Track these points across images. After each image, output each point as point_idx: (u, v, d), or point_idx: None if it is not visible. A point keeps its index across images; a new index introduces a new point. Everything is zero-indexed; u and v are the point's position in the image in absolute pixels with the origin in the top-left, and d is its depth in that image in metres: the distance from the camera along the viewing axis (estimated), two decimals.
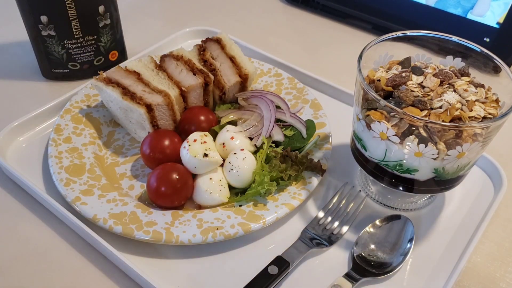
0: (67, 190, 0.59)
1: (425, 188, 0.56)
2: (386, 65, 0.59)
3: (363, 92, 0.53)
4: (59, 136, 0.66)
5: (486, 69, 0.57)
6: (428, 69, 0.55)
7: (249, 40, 0.87)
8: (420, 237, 0.60)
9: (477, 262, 0.58)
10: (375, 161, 0.56)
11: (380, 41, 0.57)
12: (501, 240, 0.60)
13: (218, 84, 0.71)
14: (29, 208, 0.61)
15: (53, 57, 0.77)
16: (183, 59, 0.71)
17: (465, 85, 0.53)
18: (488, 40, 0.86)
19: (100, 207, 0.58)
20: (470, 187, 0.66)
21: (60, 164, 0.62)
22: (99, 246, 0.56)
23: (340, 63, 0.90)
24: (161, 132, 0.65)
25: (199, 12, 1.01)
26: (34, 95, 0.78)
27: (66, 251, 0.57)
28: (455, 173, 0.54)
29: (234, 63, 0.73)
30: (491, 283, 0.56)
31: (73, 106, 0.71)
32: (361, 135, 0.56)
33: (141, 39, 0.92)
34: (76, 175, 0.61)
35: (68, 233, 0.59)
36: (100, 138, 0.69)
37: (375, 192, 0.64)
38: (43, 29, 0.73)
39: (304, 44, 0.95)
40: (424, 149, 0.50)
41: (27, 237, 0.58)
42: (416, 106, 0.51)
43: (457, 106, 0.50)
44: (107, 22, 0.77)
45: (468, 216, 0.62)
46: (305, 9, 1.05)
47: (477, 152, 0.52)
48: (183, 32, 0.90)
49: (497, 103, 0.53)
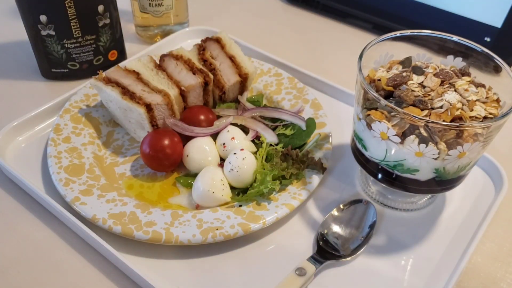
0: (66, 190, 0.59)
1: (425, 188, 0.56)
2: (386, 64, 0.59)
3: (363, 92, 0.53)
4: (59, 136, 0.66)
5: (487, 68, 0.57)
6: (428, 69, 0.55)
7: (249, 40, 0.87)
8: (420, 237, 0.59)
9: (478, 262, 0.58)
10: (376, 161, 0.56)
11: (380, 41, 0.57)
12: (502, 240, 0.60)
13: (218, 83, 0.71)
14: (28, 208, 0.61)
15: (53, 56, 0.77)
16: (182, 59, 0.71)
17: (466, 85, 0.52)
18: (489, 39, 0.86)
19: (99, 207, 0.57)
20: (470, 187, 0.65)
21: (59, 164, 0.62)
22: (98, 246, 0.55)
23: (340, 62, 0.90)
24: (161, 131, 0.64)
25: (199, 11, 1.01)
26: (33, 95, 0.78)
27: (65, 251, 0.57)
28: (455, 173, 0.54)
29: (234, 63, 0.73)
30: (492, 284, 0.56)
31: (72, 106, 0.70)
32: (361, 135, 0.56)
33: (141, 38, 0.92)
34: (75, 175, 0.61)
35: (68, 233, 0.59)
36: (99, 138, 0.68)
37: (375, 192, 0.64)
38: (42, 28, 0.73)
39: (304, 44, 0.95)
40: (425, 149, 0.50)
41: (26, 237, 0.58)
42: (417, 106, 0.51)
43: (457, 106, 0.50)
44: (106, 21, 0.77)
45: (468, 216, 0.62)
46: (305, 9, 1.05)
47: (478, 152, 0.52)
48: (183, 31, 0.89)
49: (497, 103, 0.53)
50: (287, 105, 0.74)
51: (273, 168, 0.60)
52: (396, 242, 0.59)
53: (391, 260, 0.57)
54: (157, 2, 0.85)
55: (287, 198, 0.60)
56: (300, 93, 0.75)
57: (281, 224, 0.60)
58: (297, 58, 0.88)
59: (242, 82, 0.73)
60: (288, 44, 0.94)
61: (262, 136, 0.66)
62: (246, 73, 0.72)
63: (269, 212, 0.58)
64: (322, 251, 0.56)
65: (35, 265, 0.55)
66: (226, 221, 0.57)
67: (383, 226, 0.60)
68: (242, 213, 0.58)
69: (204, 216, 0.57)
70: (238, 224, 0.56)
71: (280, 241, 0.59)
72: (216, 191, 0.59)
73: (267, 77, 0.79)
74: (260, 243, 0.58)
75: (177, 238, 0.55)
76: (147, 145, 0.63)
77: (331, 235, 0.58)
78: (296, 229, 0.60)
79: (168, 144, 0.63)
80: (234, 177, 0.60)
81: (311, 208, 0.62)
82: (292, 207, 0.59)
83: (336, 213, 0.60)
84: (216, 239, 0.55)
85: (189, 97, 0.69)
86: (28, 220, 0.60)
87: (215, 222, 0.56)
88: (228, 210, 0.58)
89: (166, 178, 0.64)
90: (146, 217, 0.57)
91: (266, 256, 0.57)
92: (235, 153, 0.61)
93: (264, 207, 0.58)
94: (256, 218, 0.57)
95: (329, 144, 0.66)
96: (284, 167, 0.60)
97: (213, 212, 0.58)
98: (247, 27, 0.98)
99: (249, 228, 0.56)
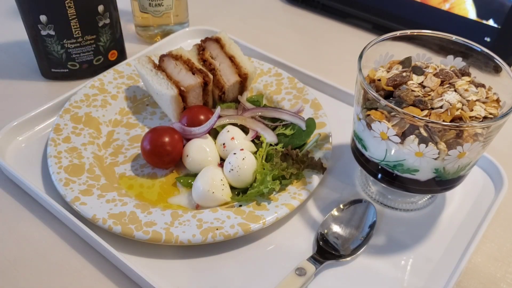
0: (66, 190, 0.59)
1: (425, 188, 0.56)
2: (386, 64, 0.59)
3: (363, 92, 0.53)
4: (59, 136, 0.66)
5: (487, 68, 0.57)
6: (428, 69, 0.55)
7: (249, 40, 0.87)
8: (420, 237, 0.59)
9: (478, 262, 0.58)
10: (376, 161, 0.56)
11: (380, 41, 0.57)
12: (502, 240, 0.60)
13: (218, 83, 0.71)
14: (28, 208, 0.61)
15: (53, 56, 0.77)
16: (182, 59, 0.71)
17: (466, 85, 0.52)
18: (489, 39, 0.86)
19: (99, 207, 0.57)
20: (470, 187, 0.65)
21: (59, 164, 0.62)
22: (98, 246, 0.56)
23: (340, 62, 0.90)
24: (162, 129, 0.65)
25: (199, 11, 1.01)
26: (33, 95, 0.78)
27: (65, 251, 0.57)
28: (455, 173, 0.54)
29: (234, 63, 0.73)
30: (491, 284, 0.56)
31: (72, 106, 0.70)
32: (361, 135, 0.56)
33: (141, 39, 0.92)
34: (75, 175, 0.61)
35: (67, 233, 0.59)
36: (99, 138, 0.68)
37: (375, 192, 0.64)
38: (42, 28, 0.73)
39: (304, 44, 0.95)
40: (425, 149, 0.50)
41: (26, 237, 0.58)
42: (417, 106, 0.51)
43: (457, 106, 0.50)
44: (106, 21, 0.77)
45: (468, 216, 0.62)
46: (305, 9, 1.05)
47: (478, 152, 0.52)
48: (183, 31, 0.89)
49: (497, 103, 0.53)
50: (287, 105, 0.74)
51: (273, 168, 0.60)
52: (396, 242, 0.59)
53: (391, 260, 0.57)
54: (157, 2, 0.85)
55: (287, 198, 0.60)
56: (300, 93, 0.75)
57: (281, 224, 0.60)
58: (297, 58, 0.88)
59: (242, 82, 0.73)
60: (288, 44, 0.94)
61: (262, 136, 0.66)
62: (246, 73, 0.72)
63: (269, 212, 0.58)
64: (322, 251, 0.56)
65: (35, 265, 0.55)
66: (226, 221, 0.57)
67: (383, 226, 0.60)
68: (242, 213, 0.58)
69: (204, 216, 0.57)
70: (238, 224, 0.56)
71: (280, 241, 0.59)
72: (216, 191, 0.59)
73: (267, 77, 0.79)
74: (260, 243, 0.58)
75: (177, 238, 0.55)
76: (147, 142, 0.63)
77: (331, 235, 0.58)
78: (296, 229, 0.60)
79: (168, 141, 0.63)
80: (234, 177, 0.60)
81: (311, 208, 0.62)
82: (292, 207, 0.59)
83: (336, 213, 0.60)
84: (216, 239, 0.55)
85: (188, 97, 0.69)
86: (28, 220, 0.60)
87: (215, 222, 0.56)
88: (228, 210, 0.58)
89: (166, 178, 0.64)
90: (146, 217, 0.57)
91: (266, 256, 0.57)
92: (235, 153, 0.61)
93: (264, 207, 0.58)
94: (256, 218, 0.57)
95: (329, 144, 0.66)
96: (284, 167, 0.60)
97: (213, 212, 0.58)
98: (247, 27, 0.98)
99: (249, 228, 0.56)
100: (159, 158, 0.64)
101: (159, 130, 0.64)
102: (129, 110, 0.74)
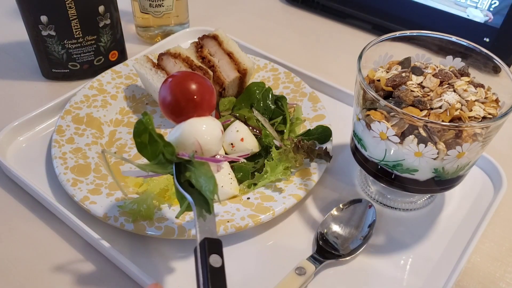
0: (74, 190, 0.59)
1: (425, 188, 0.56)
2: (386, 65, 0.59)
3: (363, 92, 0.53)
4: (62, 137, 0.66)
5: (486, 69, 0.57)
6: (428, 69, 0.55)
7: (249, 40, 0.87)
8: (420, 237, 0.60)
9: (477, 262, 0.58)
10: (375, 161, 0.56)
11: (380, 41, 0.57)
12: (501, 240, 0.60)
13: (218, 80, 0.71)
14: (29, 208, 0.61)
15: (53, 57, 0.77)
16: (181, 57, 0.71)
17: (465, 85, 0.53)
18: (488, 40, 0.86)
19: (109, 205, 0.57)
20: (470, 187, 0.66)
21: (65, 164, 0.62)
22: (99, 246, 0.56)
23: (339, 63, 0.90)
24: (186, 74, 0.48)
25: (199, 12, 1.01)
26: (34, 95, 0.78)
27: (66, 251, 0.57)
28: (455, 173, 0.54)
29: (232, 59, 0.73)
30: (491, 283, 0.56)
31: (73, 107, 0.70)
32: (361, 135, 0.56)
33: (141, 39, 0.92)
34: (82, 175, 0.61)
35: (68, 233, 0.59)
36: (102, 138, 0.69)
37: (375, 192, 0.64)
38: (43, 29, 0.73)
39: (303, 44, 0.95)
40: (424, 149, 0.50)
41: (27, 237, 0.58)
42: (416, 106, 0.51)
43: (456, 106, 0.51)
44: (107, 22, 0.77)
45: (468, 216, 0.62)
46: (305, 9, 1.05)
47: (477, 152, 0.52)
48: (183, 32, 0.90)
49: (496, 103, 0.53)
50: None
51: (282, 156, 0.61)
52: (395, 242, 0.59)
53: (391, 260, 0.57)
54: (158, 3, 0.85)
55: (294, 188, 0.60)
56: (298, 87, 0.76)
57: (281, 224, 0.60)
58: (296, 59, 0.89)
59: (241, 77, 0.73)
60: (287, 44, 0.94)
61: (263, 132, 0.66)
62: (245, 68, 0.73)
63: (277, 203, 0.58)
64: (322, 251, 0.56)
65: (36, 265, 0.56)
66: (236, 213, 0.57)
67: (383, 225, 0.61)
68: (251, 205, 0.58)
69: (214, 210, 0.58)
70: (248, 216, 0.57)
71: (280, 241, 0.59)
72: (225, 185, 0.59)
73: (263, 73, 0.79)
74: (260, 243, 0.58)
75: (190, 232, 0.55)
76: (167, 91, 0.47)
77: (331, 234, 0.58)
78: (295, 228, 0.60)
79: (196, 88, 0.47)
80: None
81: (311, 208, 0.63)
82: (299, 197, 0.59)
83: (335, 213, 0.60)
84: (228, 231, 0.55)
85: None
86: (29, 219, 0.60)
87: (225, 215, 0.57)
88: (237, 203, 0.59)
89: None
90: (157, 213, 0.57)
91: (266, 255, 0.57)
92: None
93: (271, 198, 0.59)
94: (265, 209, 0.58)
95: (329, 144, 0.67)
96: (292, 156, 0.61)
97: (223, 206, 0.58)
98: (247, 27, 0.99)
99: (259, 219, 0.56)
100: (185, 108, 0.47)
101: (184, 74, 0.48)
102: (129, 109, 0.74)
